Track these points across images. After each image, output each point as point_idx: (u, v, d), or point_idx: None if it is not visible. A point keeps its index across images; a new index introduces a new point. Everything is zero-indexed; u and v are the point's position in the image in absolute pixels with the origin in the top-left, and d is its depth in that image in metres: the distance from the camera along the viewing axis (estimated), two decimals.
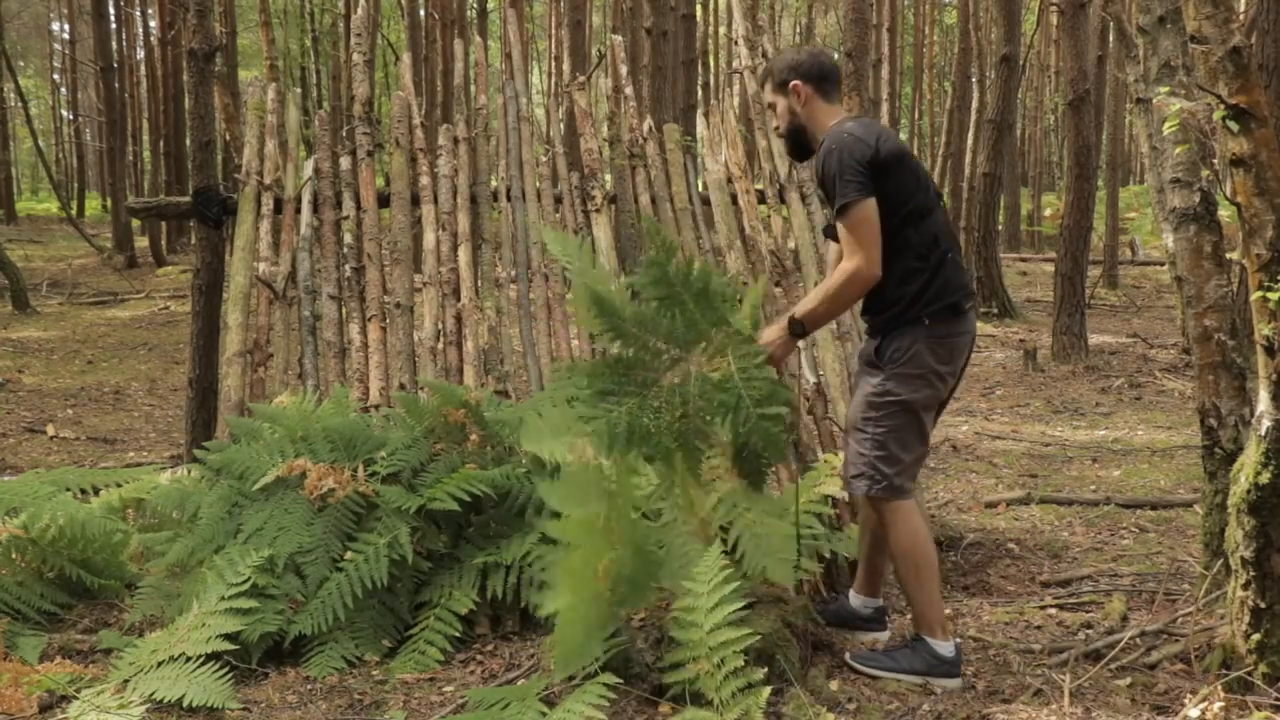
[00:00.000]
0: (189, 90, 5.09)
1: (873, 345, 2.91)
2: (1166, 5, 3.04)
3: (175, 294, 14.64)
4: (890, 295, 2.82)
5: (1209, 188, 3.03)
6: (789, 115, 3.01)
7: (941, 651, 2.84)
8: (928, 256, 2.82)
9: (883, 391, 2.83)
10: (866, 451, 2.85)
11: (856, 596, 3.20)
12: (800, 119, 3.00)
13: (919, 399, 2.83)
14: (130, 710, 2.60)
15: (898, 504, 2.84)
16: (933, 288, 2.81)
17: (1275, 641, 2.60)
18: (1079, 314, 9.69)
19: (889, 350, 2.84)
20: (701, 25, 22.32)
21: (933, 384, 2.84)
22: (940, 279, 2.82)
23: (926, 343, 2.81)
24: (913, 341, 2.81)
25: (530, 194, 4.50)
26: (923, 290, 2.80)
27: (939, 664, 2.83)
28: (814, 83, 2.97)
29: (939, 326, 2.82)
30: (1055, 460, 5.89)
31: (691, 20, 14.71)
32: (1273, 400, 2.48)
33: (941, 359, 2.84)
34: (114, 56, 20.56)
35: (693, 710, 2.49)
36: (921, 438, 2.89)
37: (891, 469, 2.83)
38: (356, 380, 4.08)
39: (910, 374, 2.81)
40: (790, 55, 3.04)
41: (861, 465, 2.86)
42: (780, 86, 3.00)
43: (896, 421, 2.83)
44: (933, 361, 2.82)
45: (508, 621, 3.26)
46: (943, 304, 2.81)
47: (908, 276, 2.80)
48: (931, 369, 2.82)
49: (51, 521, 3.34)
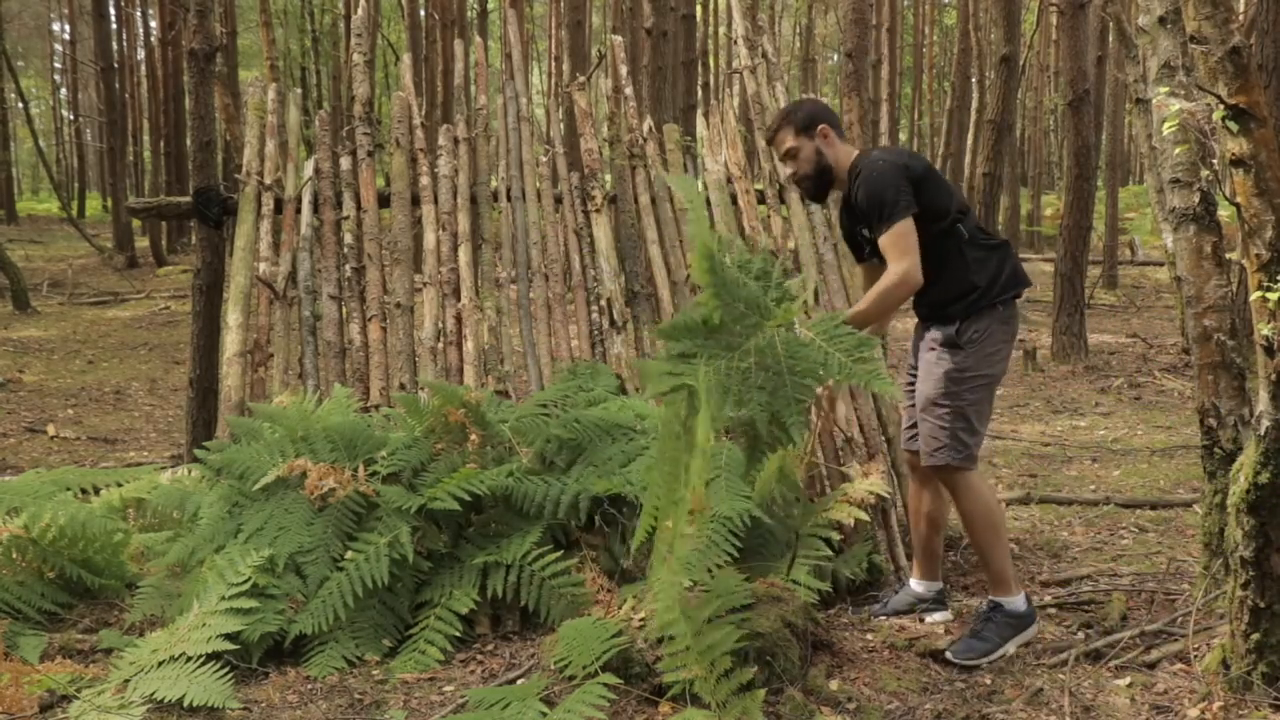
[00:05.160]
0: (189, 90, 5.09)
1: (949, 330, 3.14)
2: (1166, 5, 3.04)
3: (175, 294, 14.65)
4: (965, 286, 3.11)
5: (1209, 188, 3.03)
6: (816, 158, 3.26)
7: (1018, 608, 3.13)
8: (986, 250, 3.15)
9: (965, 368, 3.12)
10: (948, 424, 3.12)
11: (919, 582, 3.43)
12: (828, 159, 3.25)
13: (996, 373, 3.17)
14: (131, 710, 2.60)
15: (971, 473, 3.14)
16: (1003, 276, 3.14)
17: (1275, 641, 2.60)
18: (1079, 314, 9.69)
19: (969, 332, 3.12)
20: (701, 25, 22.33)
21: (1004, 358, 3.19)
22: (1008, 268, 3.16)
23: (999, 323, 3.14)
24: (989, 323, 3.12)
25: (530, 194, 4.50)
26: (995, 278, 3.13)
27: (1020, 620, 3.12)
28: (834, 126, 3.28)
29: (1007, 310, 3.16)
30: (1055, 460, 5.90)
31: (691, 20, 14.71)
32: (1272, 400, 2.48)
33: (1007, 338, 3.19)
34: (114, 57, 20.59)
35: (692, 710, 2.50)
36: (989, 412, 3.22)
37: (972, 439, 3.13)
38: (357, 380, 4.08)
39: (988, 351, 3.13)
40: (805, 103, 3.33)
41: (945, 438, 3.13)
42: (805, 131, 3.25)
43: (978, 395, 3.14)
44: (1003, 338, 3.17)
45: (508, 621, 3.27)
46: (1011, 292, 3.15)
47: (976, 263, 3.12)
48: (1002, 345, 3.17)
49: (52, 521, 3.34)
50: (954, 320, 3.14)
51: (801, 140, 3.24)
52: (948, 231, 3.12)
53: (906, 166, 3.09)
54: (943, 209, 3.11)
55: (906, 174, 3.07)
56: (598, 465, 3.37)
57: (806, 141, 3.24)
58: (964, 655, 3.03)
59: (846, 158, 3.25)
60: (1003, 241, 3.23)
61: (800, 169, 3.28)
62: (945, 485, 3.22)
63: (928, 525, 3.39)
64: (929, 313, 3.23)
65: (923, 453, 3.22)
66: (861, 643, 3.18)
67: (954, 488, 3.18)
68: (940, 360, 3.15)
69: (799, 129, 3.24)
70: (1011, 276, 3.16)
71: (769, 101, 4.61)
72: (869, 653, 3.10)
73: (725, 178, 4.52)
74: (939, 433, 3.14)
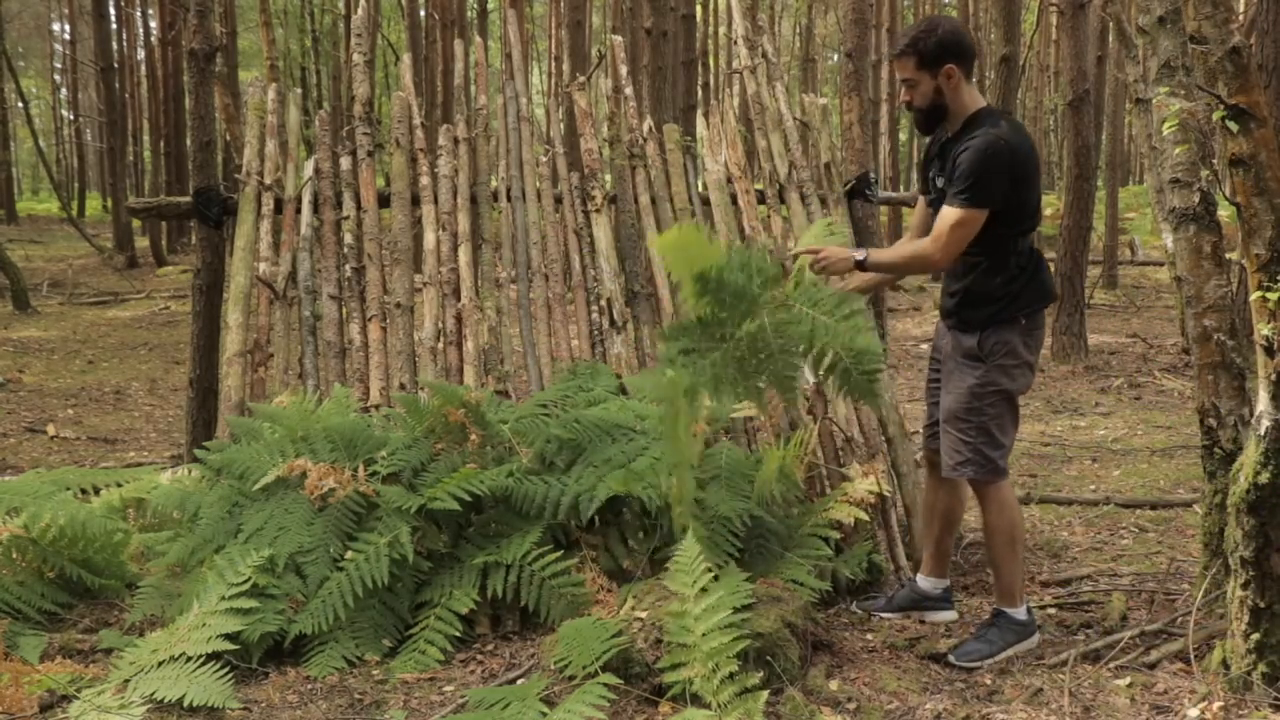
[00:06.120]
0: (189, 90, 5.08)
1: (970, 340, 3.10)
2: (1166, 5, 3.04)
3: (175, 294, 14.64)
4: (995, 293, 3.06)
5: (1209, 188, 3.03)
6: (933, 95, 3.06)
7: (1021, 618, 3.13)
8: (1027, 265, 3.08)
9: (987, 383, 3.08)
10: (972, 439, 3.09)
11: (926, 579, 3.42)
12: (945, 99, 3.06)
13: (1018, 386, 3.11)
14: (131, 710, 2.60)
15: (1000, 484, 3.12)
16: (1030, 290, 3.08)
17: (1275, 641, 2.60)
18: (1079, 314, 9.69)
19: (990, 344, 3.08)
20: (701, 25, 22.32)
21: (1027, 373, 3.13)
22: (1036, 282, 3.10)
23: (1021, 338, 3.08)
24: (1010, 337, 3.07)
25: (530, 194, 4.50)
26: (1021, 291, 3.06)
27: (1021, 629, 3.12)
28: (965, 64, 3.04)
29: (1030, 323, 3.10)
30: (1055, 460, 5.90)
31: (691, 20, 14.70)
32: (1272, 400, 2.48)
33: (1031, 350, 3.13)
34: (114, 57, 20.58)
35: (692, 711, 2.50)
36: (1015, 423, 3.17)
37: (996, 452, 3.09)
38: (357, 380, 4.08)
39: (1010, 365, 3.08)
40: (941, 31, 3.03)
41: (967, 453, 3.10)
42: (929, 67, 3.02)
43: (1000, 410, 3.09)
44: (1026, 354, 3.10)
45: (508, 621, 3.27)
46: (1036, 306, 3.10)
47: (1012, 278, 3.06)
48: (1025, 360, 3.11)
49: (52, 521, 3.34)
50: (975, 330, 3.09)
51: (923, 74, 3.03)
52: (1009, 237, 3.03)
53: (1022, 162, 2.94)
54: (1021, 217, 3.02)
55: (1013, 168, 2.93)
56: (598, 466, 3.37)
57: (928, 78, 3.03)
58: (965, 657, 3.04)
59: (971, 104, 3.05)
60: (1041, 257, 3.17)
61: (915, 100, 3.08)
62: (976, 493, 3.20)
63: (941, 523, 3.38)
64: (954, 307, 3.16)
65: (944, 464, 3.20)
66: (861, 643, 3.18)
67: (983, 498, 3.16)
68: (964, 374, 3.12)
69: (923, 61, 3.01)
70: (1039, 290, 3.10)
71: (769, 101, 4.61)
72: (869, 653, 3.10)
73: (725, 178, 4.52)
74: (962, 447, 3.11)
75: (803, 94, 7.77)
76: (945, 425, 3.17)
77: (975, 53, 3.14)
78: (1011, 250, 3.05)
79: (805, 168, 4.49)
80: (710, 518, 3.28)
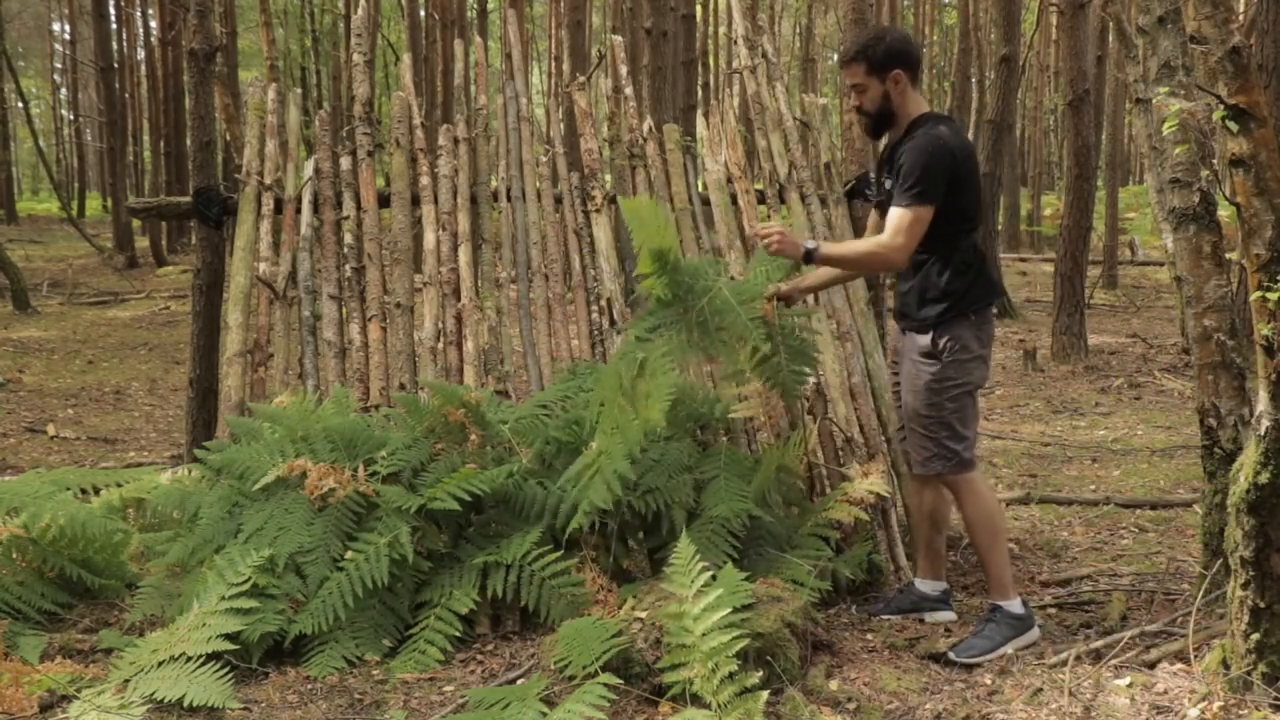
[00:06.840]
0: (189, 90, 5.08)
1: (924, 340, 3.18)
2: (1166, 5, 3.04)
3: (175, 294, 14.65)
4: (945, 289, 3.14)
5: (1208, 188, 3.04)
6: (881, 100, 3.20)
7: (1017, 610, 3.15)
8: (973, 261, 3.17)
9: (944, 379, 3.16)
10: (934, 434, 3.18)
11: (924, 582, 3.46)
12: (893, 105, 3.20)
13: (974, 380, 3.19)
14: (131, 710, 2.60)
15: (969, 476, 3.19)
16: (978, 287, 3.17)
17: (1275, 641, 2.60)
18: (1078, 314, 9.69)
19: (942, 342, 3.15)
20: (701, 25, 22.33)
21: (981, 366, 3.22)
22: (984, 279, 3.19)
23: (973, 332, 3.17)
24: (963, 332, 3.15)
25: (530, 194, 4.50)
26: (969, 288, 3.15)
27: (1019, 622, 3.14)
28: (911, 71, 3.19)
29: (980, 318, 3.19)
30: (1055, 460, 5.90)
31: (691, 20, 14.70)
32: (1272, 400, 2.48)
33: (983, 343, 3.21)
34: (114, 57, 20.59)
35: (692, 711, 2.50)
36: (976, 416, 3.25)
37: (960, 445, 3.17)
38: (356, 380, 4.08)
39: (965, 359, 3.16)
40: (889, 39, 3.19)
41: (933, 448, 3.19)
42: (877, 72, 3.17)
43: (960, 403, 3.17)
44: (978, 348, 3.19)
45: (508, 621, 3.27)
46: (985, 301, 3.19)
47: (959, 274, 3.14)
48: (978, 354, 3.19)
49: (52, 521, 3.34)
50: (929, 329, 3.17)
51: (871, 80, 3.17)
52: (954, 234, 3.13)
53: (963, 160, 3.07)
54: (965, 214, 3.13)
55: (954, 165, 3.05)
56: None
57: (876, 83, 3.17)
58: (965, 653, 3.05)
59: (914, 109, 3.19)
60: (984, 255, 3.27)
61: (863, 105, 3.22)
62: (948, 488, 3.28)
63: (930, 525, 3.44)
64: (904, 308, 3.27)
65: (914, 461, 3.30)
66: (861, 643, 3.18)
67: (956, 490, 3.24)
68: (920, 372, 3.20)
69: (872, 67, 3.16)
70: (985, 287, 3.19)
71: (769, 101, 4.61)
72: (869, 653, 3.10)
73: (725, 178, 4.51)
74: (926, 443, 3.21)
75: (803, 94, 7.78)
76: (909, 424, 3.27)
77: (920, 61, 3.28)
78: (956, 248, 3.14)
79: (805, 168, 4.49)
80: (709, 518, 3.29)
